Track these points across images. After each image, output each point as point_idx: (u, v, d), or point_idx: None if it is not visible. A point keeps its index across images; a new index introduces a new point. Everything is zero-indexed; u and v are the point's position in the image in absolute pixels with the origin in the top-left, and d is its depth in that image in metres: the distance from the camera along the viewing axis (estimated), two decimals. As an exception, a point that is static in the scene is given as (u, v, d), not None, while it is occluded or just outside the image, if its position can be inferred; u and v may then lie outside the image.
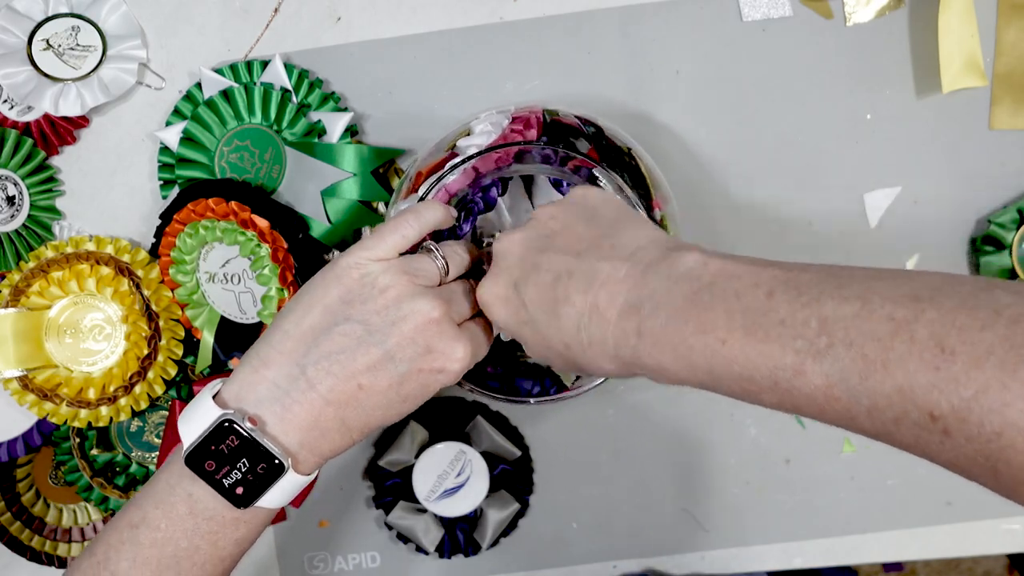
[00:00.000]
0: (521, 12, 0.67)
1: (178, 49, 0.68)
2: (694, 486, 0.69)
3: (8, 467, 0.71)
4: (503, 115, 0.57)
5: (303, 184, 0.65)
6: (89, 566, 0.44)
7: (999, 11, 0.66)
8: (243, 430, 0.43)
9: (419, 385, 0.46)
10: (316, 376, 0.44)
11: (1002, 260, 0.66)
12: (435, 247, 0.49)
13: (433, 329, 0.45)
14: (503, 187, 0.57)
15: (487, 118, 0.57)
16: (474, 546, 0.68)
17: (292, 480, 0.45)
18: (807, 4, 0.67)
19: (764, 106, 0.67)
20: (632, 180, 0.55)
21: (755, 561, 0.69)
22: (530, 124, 0.55)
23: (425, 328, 0.45)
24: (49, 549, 0.71)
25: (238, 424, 0.43)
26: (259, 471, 0.43)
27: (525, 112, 0.56)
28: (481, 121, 0.57)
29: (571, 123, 0.57)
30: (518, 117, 0.56)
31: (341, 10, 0.68)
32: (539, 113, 0.56)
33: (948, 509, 0.68)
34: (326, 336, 0.44)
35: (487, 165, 0.55)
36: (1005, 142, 0.67)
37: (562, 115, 0.57)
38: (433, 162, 0.56)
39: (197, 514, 0.44)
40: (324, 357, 0.44)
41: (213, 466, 0.43)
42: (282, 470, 0.44)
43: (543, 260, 0.44)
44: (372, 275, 0.46)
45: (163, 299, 0.67)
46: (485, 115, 0.58)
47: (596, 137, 0.56)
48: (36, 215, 0.68)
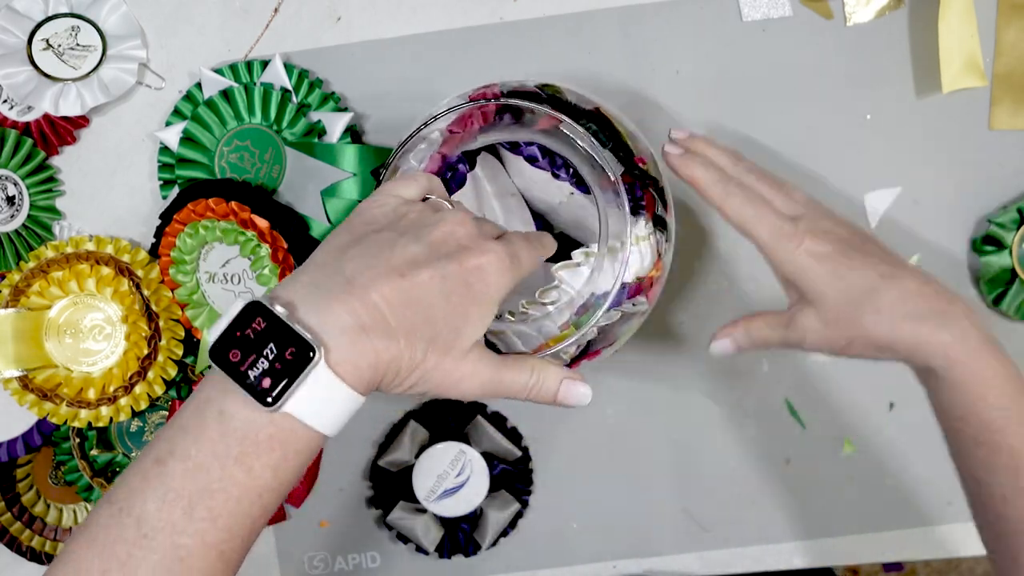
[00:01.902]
0: (521, 12, 0.67)
1: (178, 49, 0.68)
2: (694, 486, 0.69)
3: (8, 467, 0.71)
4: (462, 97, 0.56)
5: (303, 184, 0.65)
6: (109, 515, 0.38)
7: (999, 11, 0.66)
8: (271, 309, 0.39)
9: (462, 283, 0.43)
10: (355, 271, 0.42)
11: (1002, 260, 0.66)
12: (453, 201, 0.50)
13: (463, 231, 0.45)
14: (471, 162, 0.57)
15: (449, 103, 0.56)
16: (474, 546, 0.68)
17: (328, 380, 0.39)
18: (807, 4, 0.67)
19: (764, 106, 0.67)
20: (606, 135, 0.54)
21: (755, 561, 0.69)
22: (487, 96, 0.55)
23: (456, 229, 0.45)
24: (49, 549, 0.71)
25: (266, 304, 0.39)
26: (288, 357, 0.38)
27: (482, 91, 0.56)
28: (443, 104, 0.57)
29: (530, 90, 0.55)
30: (476, 95, 0.55)
31: (341, 10, 0.68)
32: (496, 89, 0.56)
33: (948, 509, 0.68)
34: (362, 242, 0.43)
35: (451, 148, 0.55)
36: (1005, 142, 0.67)
37: (521, 86, 0.56)
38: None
39: (228, 434, 0.38)
40: (362, 255, 0.42)
41: (238, 356, 0.38)
42: (311, 356, 0.38)
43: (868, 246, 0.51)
44: (400, 205, 0.46)
45: (163, 299, 0.67)
46: (447, 101, 0.57)
47: (555, 100, 0.55)
48: (36, 215, 0.68)
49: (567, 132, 0.52)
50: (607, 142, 0.53)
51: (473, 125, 0.54)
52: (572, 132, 0.52)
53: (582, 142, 0.52)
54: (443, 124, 0.55)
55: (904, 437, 0.68)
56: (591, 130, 0.53)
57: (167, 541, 0.37)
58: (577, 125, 0.52)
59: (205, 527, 0.37)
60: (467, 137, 0.55)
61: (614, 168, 0.51)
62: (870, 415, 0.68)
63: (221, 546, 0.38)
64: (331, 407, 0.40)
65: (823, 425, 0.68)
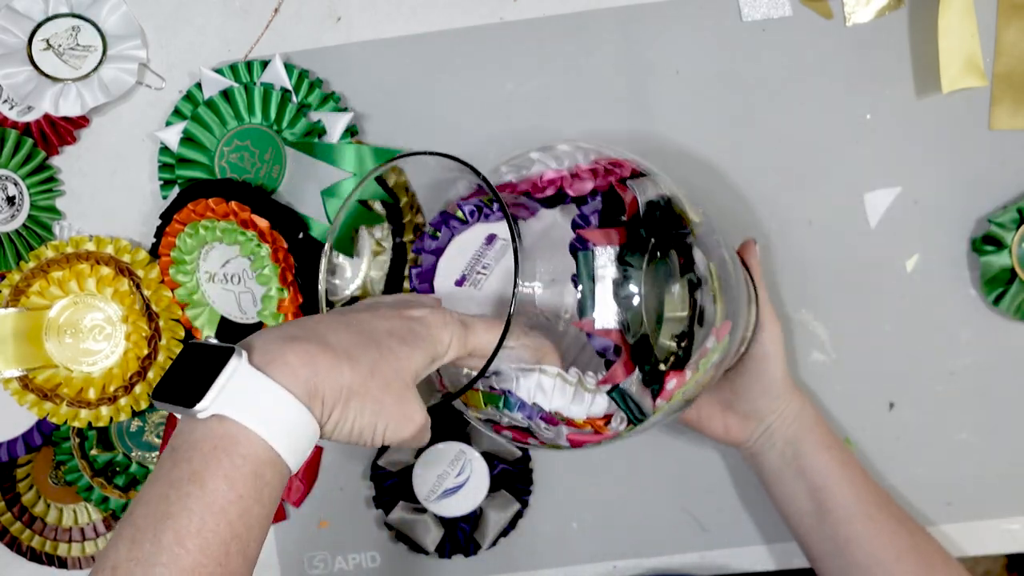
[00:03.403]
0: (521, 12, 0.67)
1: (178, 49, 0.68)
2: (694, 486, 0.69)
3: (8, 467, 0.71)
4: (583, 151, 0.52)
5: (303, 184, 0.65)
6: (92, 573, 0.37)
7: (999, 11, 0.66)
8: (196, 341, 0.41)
9: (404, 326, 0.44)
10: (309, 321, 0.44)
11: (1002, 260, 0.66)
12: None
13: (417, 298, 0.48)
14: (513, 225, 0.50)
15: (570, 143, 0.53)
16: (474, 546, 0.68)
17: (253, 376, 0.39)
18: (807, 4, 0.67)
19: (764, 106, 0.67)
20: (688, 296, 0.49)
21: (755, 561, 0.69)
22: (598, 173, 0.50)
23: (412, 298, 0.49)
24: (49, 549, 0.71)
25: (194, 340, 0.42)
26: (211, 370, 0.39)
27: (609, 159, 0.51)
28: (563, 144, 0.53)
29: (630, 200, 0.49)
30: (602, 162, 0.51)
31: (341, 10, 0.68)
32: (626, 168, 0.51)
33: (948, 509, 0.68)
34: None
35: (513, 189, 0.51)
36: (1005, 142, 0.67)
37: (634, 188, 0.50)
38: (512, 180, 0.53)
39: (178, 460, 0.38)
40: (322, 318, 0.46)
41: (175, 387, 0.40)
42: (227, 356, 0.39)
43: None
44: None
45: (163, 299, 0.67)
46: (569, 143, 0.53)
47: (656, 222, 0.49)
48: (36, 215, 0.68)
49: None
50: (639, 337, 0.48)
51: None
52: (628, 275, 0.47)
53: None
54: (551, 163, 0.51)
55: (904, 437, 0.68)
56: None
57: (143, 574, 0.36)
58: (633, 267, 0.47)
59: (177, 551, 0.36)
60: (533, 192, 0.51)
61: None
62: (870, 415, 0.68)
63: (199, 569, 0.36)
64: (263, 405, 0.39)
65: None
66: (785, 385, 0.60)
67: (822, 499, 0.59)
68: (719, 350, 0.51)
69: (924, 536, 0.59)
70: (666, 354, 0.48)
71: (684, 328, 0.49)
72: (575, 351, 0.53)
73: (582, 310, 0.47)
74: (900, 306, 0.68)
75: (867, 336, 0.68)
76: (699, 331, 0.49)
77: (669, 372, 0.49)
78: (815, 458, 0.59)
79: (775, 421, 0.60)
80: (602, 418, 0.50)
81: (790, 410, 0.60)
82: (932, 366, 0.68)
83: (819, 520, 0.59)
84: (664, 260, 0.48)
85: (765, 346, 0.59)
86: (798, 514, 0.60)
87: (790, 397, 0.60)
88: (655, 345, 0.48)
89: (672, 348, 0.49)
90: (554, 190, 0.49)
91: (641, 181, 0.50)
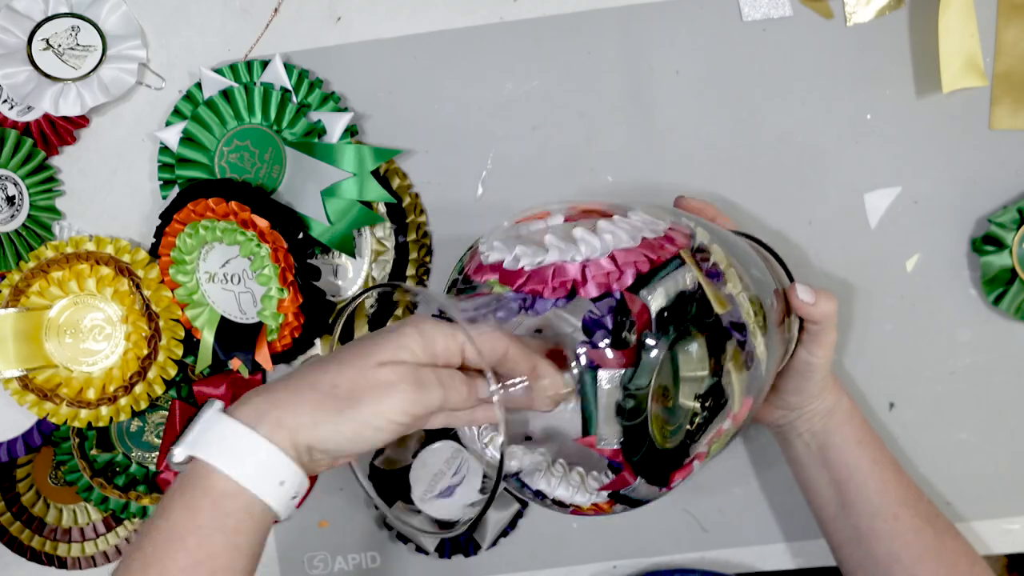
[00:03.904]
0: (521, 12, 0.67)
1: (178, 49, 0.68)
2: (694, 486, 0.69)
3: (8, 467, 0.71)
4: (658, 222, 0.49)
5: (303, 184, 0.65)
6: None
7: (999, 11, 0.66)
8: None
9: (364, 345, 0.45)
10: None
11: (1002, 260, 0.66)
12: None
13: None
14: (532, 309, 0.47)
15: (643, 211, 0.50)
16: (474, 546, 0.68)
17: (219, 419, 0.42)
18: (807, 4, 0.67)
19: (764, 106, 0.67)
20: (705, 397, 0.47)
21: (755, 561, 0.69)
22: (662, 247, 0.47)
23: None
24: (49, 549, 0.71)
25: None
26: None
27: (678, 232, 0.48)
28: (636, 212, 0.50)
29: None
30: (674, 232, 0.48)
31: (341, 10, 0.68)
32: (683, 240, 0.48)
33: (948, 509, 0.68)
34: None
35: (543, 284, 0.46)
36: (1005, 142, 0.67)
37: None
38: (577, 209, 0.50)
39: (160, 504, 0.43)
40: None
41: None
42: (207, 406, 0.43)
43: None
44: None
45: (163, 299, 0.67)
46: (642, 210, 0.50)
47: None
48: (36, 215, 0.68)
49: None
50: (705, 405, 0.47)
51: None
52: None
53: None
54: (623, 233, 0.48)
55: (904, 437, 0.68)
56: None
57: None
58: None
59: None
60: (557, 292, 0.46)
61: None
62: (870, 415, 0.68)
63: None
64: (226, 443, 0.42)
65: (823, 425, 0.68)
66: (821, 388, 0.58)
67: (845, 491, 0.58)
68: (734, 430, 0.49)
69: (952, 536, 0.58)
70: (674, 454, 0.47)
71: (699, 423, 0.47)
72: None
73: (584, 427, 0.46)
74: (900, 306, 0.68)
75: (867, 336, 0.68)
76: (714, 422, 0.47)
77: (674, 473, 0.48)
78: (843, 452, 0.59)
79: (805, 415, 0.60)
80: (607, 503, 0.50)
81: (823, 407, 0.59)
82: (932, 366, 0.68)
83: (841, 510, 0.59)
84: (676, 366, 0.45)
85: (812, 358, 0.56)
86: (821, 501, 0.60)
87: (824, 396, 0.59)
88: (663, 449, 0.46)
89: (682, 448, 0.47)
90: (565, 292, 0.45)
91: (662, 281, 0.46)
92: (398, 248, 0.67)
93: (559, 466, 0.50)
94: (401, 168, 0.68)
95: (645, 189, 0.67)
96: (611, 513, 0.51)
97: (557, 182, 0.68)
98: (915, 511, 0.58)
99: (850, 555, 0.59)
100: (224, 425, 0.42)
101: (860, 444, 0.59)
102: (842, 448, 0.59)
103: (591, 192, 0.68)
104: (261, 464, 0.42)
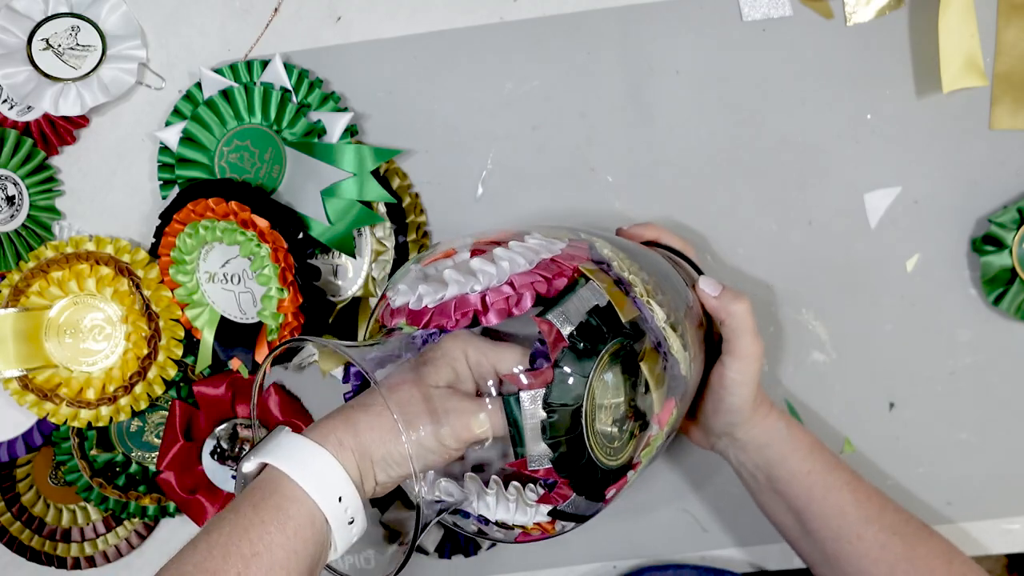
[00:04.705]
0: (521, 12, 0.67)
1: (178, 49, 0.68)
2: (694, 486, 0.69)
3: (8, 467, 0.71)
4: (555, 242, 0.51)
5: (303, 184, 0.65)
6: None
7: (999, 11, 0.66)
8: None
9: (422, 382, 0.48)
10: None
11: (1002, 260, 0.66)
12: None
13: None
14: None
15: (540, 234, 0.52)
16: (474, 546, 0.68)
17: (292, 437, 0.46)
18: (807, 4, 0.67)
19: (764, 106, 0.67)
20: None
21: (755, 561, 0.69)
22: (560, 274, 0.49)
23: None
24: (49, 549, 0.71)
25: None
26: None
27: (570, 255, 0.50)
28: (532, 237, 0.52)
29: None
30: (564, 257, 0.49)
31: (341, 10, 0.68)
32: (579, 260, 0.49)
33: (948, 509, 0.68)
34: None
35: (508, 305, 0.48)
36: (1005, 142, 0.67)
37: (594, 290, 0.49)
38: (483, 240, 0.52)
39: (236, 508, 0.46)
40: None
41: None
42: (277, 430, 0.47)
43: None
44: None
45: (163, 299, 0.67)
46: (539, 232, 0.52)
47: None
48: (36, 215, 0.68)
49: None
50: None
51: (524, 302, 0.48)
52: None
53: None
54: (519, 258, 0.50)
55: (904, 437, 0.68)
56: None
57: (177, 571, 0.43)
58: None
59: (206, 556, 0.43)
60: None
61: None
62: (870, 415, 0.68)
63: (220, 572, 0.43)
64: (294, 454, 0.45)
65: (823, 425, 0.68)
66: (746, 413, 0.57)
67: (804, 519, 0.57)
68: (663, 435, 0.50)
69: (924, 540, 0.57)
70: (608, 466, 0.48)
71: (627, 435, 0.49)
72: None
73: (514, 452, 0.48)
74: (900, 306, 0.68)
75: (867, 336, 0.68)
76: (641, 432, 0.49)
77: (609, 487, 0.49)
78: (791, 485, 0.57)
79: (738, 443, 0.58)
80: (549, 522, 0.50)
81: (752, 437, 0.58)
82: (932, 366, 0.68)
83: (804, 536, 0.58)
84: (594, 379, 0.47)
85: (728, 372, 0.55)
86: (783, 527, 0.60)
87: (751, 423, 0.57)
88: (596, 462, 0.48)
89: (613, 461, 0.49)
90: (468, 321, 0.48)
91: (572, 301, 0.48)
92: (398, 248, 0.67)
93: (493, 483, 0.50)
94: (401, 168, 0.68)
95: (645, 189, 0.67)
96: (555, 534, 0.51)
97: (557, 182, 0.68)
98: (879, 526, 0.56)
99: (827, 574, 0.59)
100: (292, 440, 0.46)
101: (809, 474, 0.57)
102: (790, 481, 0.57)
103: (591, 192, 0.68)
104: (321, 475, 0.45)
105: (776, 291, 0.68)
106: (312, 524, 0.44)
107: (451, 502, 0.51)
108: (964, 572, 0.56)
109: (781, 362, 0.68)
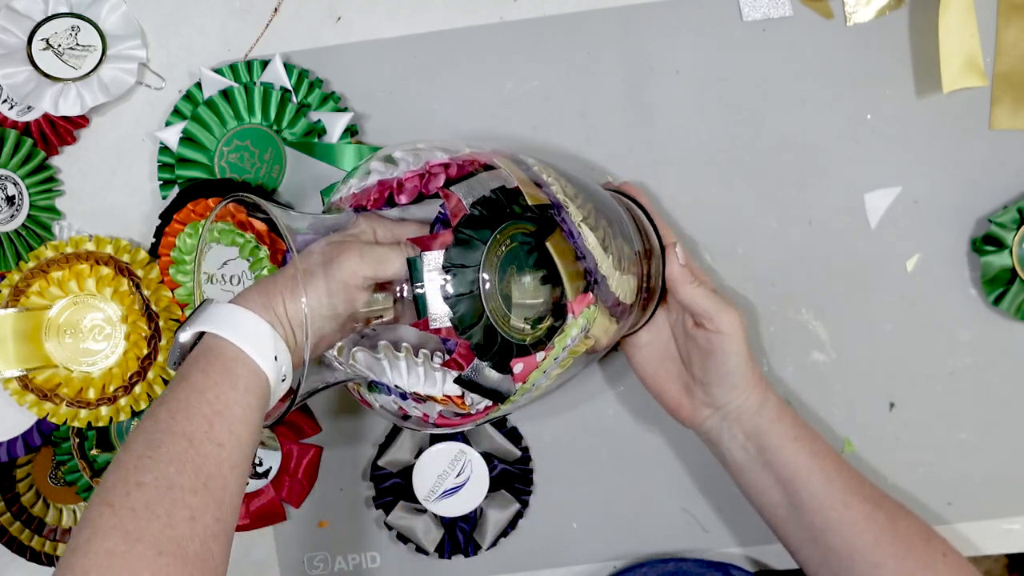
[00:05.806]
0: (521, 12, 0.67)
1: (178, 49, 0.68)
2: (694, 486, 0.69)
3: (8, 467, 0.71)
4: (484, 148, 0.55)
5: (303, 184, 0.65)
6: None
7: (999, 11, 0.66)
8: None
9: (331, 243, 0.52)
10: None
11: (1002, 260, 0.66)
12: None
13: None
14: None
15: (414, 146, 0.56)
16: (474, 546, 0.68)
17: (216, 307, 0.49)
18: (807, 4, 0.67)
19: (764, 106, 0.67)
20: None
21: (755, 561, 0.69)
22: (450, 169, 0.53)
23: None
24: (49, 549, 0.71)
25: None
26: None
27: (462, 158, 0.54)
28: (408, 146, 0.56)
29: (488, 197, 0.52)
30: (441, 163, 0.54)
31: (341, 10, 0.68)
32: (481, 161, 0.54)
33: (948, 509, 0.68)
34: None
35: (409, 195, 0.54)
36: (1005, 142, 0.67)
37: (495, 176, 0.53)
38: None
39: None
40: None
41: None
42: (203, 304, 0.50)
43: None
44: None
45: (163, 299, 0.67)
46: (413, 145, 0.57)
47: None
48: (36, 215, 0.68)
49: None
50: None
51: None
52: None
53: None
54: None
55: (904, 437, 0.68)
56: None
57: (146, 441, 0.45)
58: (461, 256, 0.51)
59: (169, 421, 0.45)
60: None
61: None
62: (870, 415, 0.68)
63: (189, 434, 0.45)
64: (228, 320, 0.48)
65: (823, 425, 0.68)
66: (745, 376, 0.59)
67: (792, 491, 0.58)
68: (577, 324, 0.52)
69: (903, 516, 0.58)
70: (512, 337, 0.51)
71: (534, 313, 0.52)
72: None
73: (417, 311, 0.51)
74: (900, 306, 0.68)
75: (867, 336, 0.68)
76: (554, 318, 0.52)
77: (515, 360, 0.51)
78: (782, 451, 0.59)
79: (732, 413, 0.60)
80: (458, 396, 0.53)
81: (749, 404, 0.59)
82: (932, 366, 0.68)
83: (792, 510, 0.59)
84: (501, 253, 0.51)
85: (722, 329, 0.58)
86: (770, 505, 0.60)
87: (750, 390, 0.59)
88: (497, 329, 0.51)
89: (518, 336, 0.52)
90: (383, 201, 0.54)
91: (478, 178, 0.52)
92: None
93: (403, 349, 0.53)
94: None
95: (645, 189, 0.67)
96: (468, 411, 0.54)
97: (557, 182, 0.68)
98: (863, 496, 0.58)
99: (810, 555, 0.59)
100: (225, 309, 0.49)
101: (797, 440, 0.59)
102: (780, 447, 0.59)
103: (591, 192, 0.68)
104: (257, 337, 0.48)
105: (776, 291, 0.68)
106: (257, 382, 0.48)
107: (364, 371, 0.55)
108: (944, 551, 0.57)
109: (781, 362, 0.68)
